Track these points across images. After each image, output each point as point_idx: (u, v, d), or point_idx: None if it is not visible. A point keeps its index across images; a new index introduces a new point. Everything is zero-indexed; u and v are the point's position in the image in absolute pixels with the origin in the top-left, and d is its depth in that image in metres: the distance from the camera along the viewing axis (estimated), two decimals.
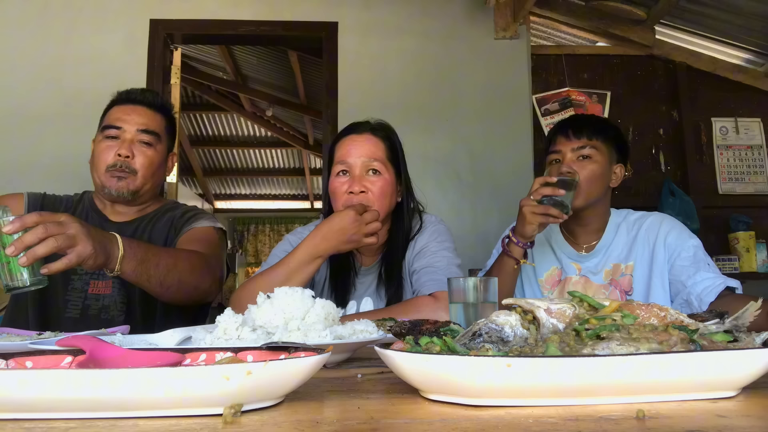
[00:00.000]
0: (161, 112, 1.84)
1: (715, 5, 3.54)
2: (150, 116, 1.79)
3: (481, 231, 3.59)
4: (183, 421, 0.53)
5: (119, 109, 1.79)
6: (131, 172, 1.74)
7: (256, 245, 10.61)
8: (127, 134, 1.75)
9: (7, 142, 3.47)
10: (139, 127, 1.76)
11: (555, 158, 1.79)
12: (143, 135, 1.76)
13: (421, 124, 3.61)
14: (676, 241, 1.73)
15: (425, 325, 0.84)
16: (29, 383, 0.51)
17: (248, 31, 3.72)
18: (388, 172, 1.62)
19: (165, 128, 1.84)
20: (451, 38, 3.77)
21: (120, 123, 1.75)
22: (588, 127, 1.78)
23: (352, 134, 1.65)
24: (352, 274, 1.69)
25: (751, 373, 0.59)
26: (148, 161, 1.76)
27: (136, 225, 1.81)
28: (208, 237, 1.77)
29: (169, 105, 1.91)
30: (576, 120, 1.84)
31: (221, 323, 0.93)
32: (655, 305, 0.73)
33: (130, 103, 1.80)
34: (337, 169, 1.62)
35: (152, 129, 1.78)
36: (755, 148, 4.03)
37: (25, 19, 3.61)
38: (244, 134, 8.41)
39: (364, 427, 0.52)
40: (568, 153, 1.76)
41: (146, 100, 1.82)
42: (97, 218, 1.81)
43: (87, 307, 1.71)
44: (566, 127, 1.80)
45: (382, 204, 1.59)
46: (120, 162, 1.72)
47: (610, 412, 0.55)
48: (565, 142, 1.77)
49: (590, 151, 1.75)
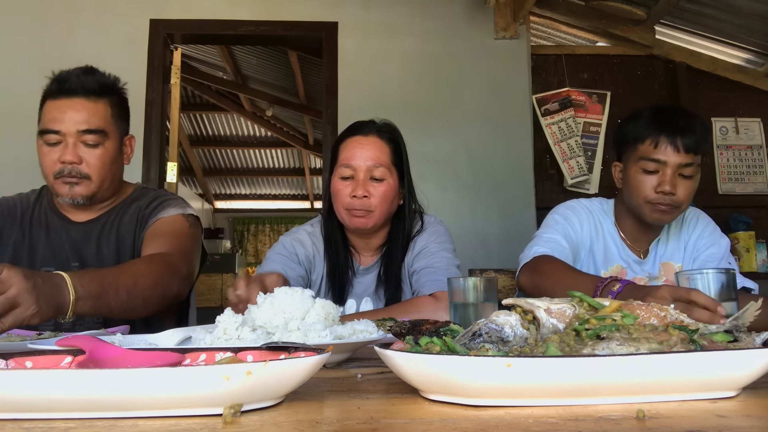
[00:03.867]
0: (104, 96, 1.58)
1: (715, 5, 3.54)
2: (91, 109, 1.54)
3: (481, 231, 3.59)
4: (183, 421, 0.53)
5: (53, 105, 1.53)
6: (83, 177, 1.54)
7: (256, 245, 10.61)
8: (68, 137, 1.52)
9: (7, 142, 3.47)
10: (80, 128, 1.52)
11: (654, 168, 1.60)
12: (86, 136, 1.53)
13: (421, 124, 3.61)
14: (709, 237, 1.73)
15: (425, 325, 0.84)
16: (29, 383, 0.51)
17: (248, 31, 3.72)
18: (391, 177, 1.61)
19: (112, 116, 1.58)
20: (451, 38, 3.77)
21: (57, 125, 1.51)
22: (695, 135, 1.58)
23: (358, 135, 1.63)
24: (349, 273, 1.68)
25: (751, 373, 0.59)
26: (99, 162, 1.55)
27: (102, 222, 1.64)
28: (175, 229, 1.59)
29: (113, 81, 1.64)
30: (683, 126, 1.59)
31: (221, 323, 0.93)
32: (655, 305, 0.73)
33: (65, 96, 1.53)
34: (341, 171, 1.60)
35: (95, 127, 1.53)
36: (755, 148, 4.03)
37: (25, 19, 3.61)
38: (244, 134, 8.41)
39: (364, 427, 0.52)
40: (671, 168, 1.58)
41: (83, 87, 1.54)
42: (59, 221, 1.64)
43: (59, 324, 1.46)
44: (674, 131, 1.58)
45: (383, 208, 1.60)
46: (67, 168, 1.52)
47: (610, 412, 0.55)
48: (671, 153, 1.58)
49: (694, 169, 1.60)
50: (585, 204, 1.80)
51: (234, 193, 10.20)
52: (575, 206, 1.79)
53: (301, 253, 1.67)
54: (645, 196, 1.61)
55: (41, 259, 1.61)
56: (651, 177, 1.60)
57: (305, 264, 1.68)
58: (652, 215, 1.63)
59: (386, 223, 1.66)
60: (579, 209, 1.77)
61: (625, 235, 1.76)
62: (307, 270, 1.68)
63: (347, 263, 1.68)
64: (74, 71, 1.57)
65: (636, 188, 1.63)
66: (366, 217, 1.59)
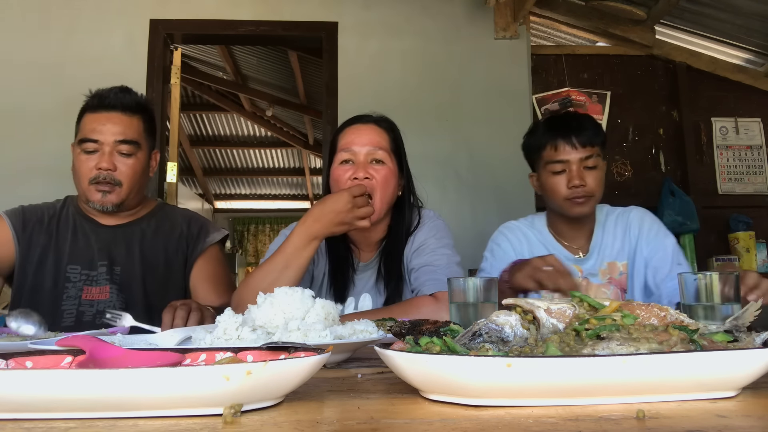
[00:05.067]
0: (138, 113, 1.75)
1: (715, 5, 3.54)
2: (127, 123, 1.71)
3: (481, 231, 3.58)
4: (183, 421, 0.53)
5: (93, 117, 1.70)
6: (116, 184, 1.69)
7: (256, 245, 10.61)
8: (105, 146, 1.68)
9: (7, 142, 3.47)
10: (117, 138, 1.68)
11: (560, 168, 1.75)
12: (122, 146, 1.69)
13: (421, 124, 3.60)
14: (654, 241, 1.78)
15: (425, 325, 0.84)
16: (29, 383, 0.51)
17: (248, 31, 3.72)
18: (391, 162, 1.62)
19: (144, 130, 1.76)
20: (451, 38, 3.77)
21: (96, 135, 1.68)
22: (587, 131, 1.75)
23: (357, 123, 1.66)
24: (350, 270, 1.68)
25: (751, 373, 0.59)
26: (131, 171, 1.71)
27: (132, 228, 1.79)
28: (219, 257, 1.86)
29: (146, 101, 1.82)
30: (575, 126, 1.77)
31: (221, 323, 0.93)
32: (655, 305, 0.73)
33: (104, 110, 1.70)
34: (341, 156, 1.61)
35: (131, 138, 1.71)
36: (755, 148, 4.03)
37: (25, 19, 3.61)
38: (244, 134, 8.41)
39: (364, 427, 0.52)
40: (575, 164, 1.73)
41: (121, 103, 1.72)
42: (87, 224, 1.77)
43: (81, 314, 1.67)
44: (567, 132, 1.75)
45: (385, 192, 1.59)
46: (103, 175, 1.68)
47: (610, 412, 0.55)
48: (570, 151, 1.74)
49: (596, 160, 1.74)
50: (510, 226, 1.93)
51: (234, 193, 10.20)
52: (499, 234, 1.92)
53: None
54: (561, 194, 1.76)
55: (68, 258, 1.73)
56: (560, 177, 1.75)
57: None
58: (572, 210, 1.77)
59: (385, 216, 1.66)
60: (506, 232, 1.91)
61: (560, 236, 1.87)
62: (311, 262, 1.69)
63: (348, 261, 1.68)
64: (112, 89, 1.76)
65: (552, 190, 1.78)
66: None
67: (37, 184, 3.19)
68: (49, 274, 1.71)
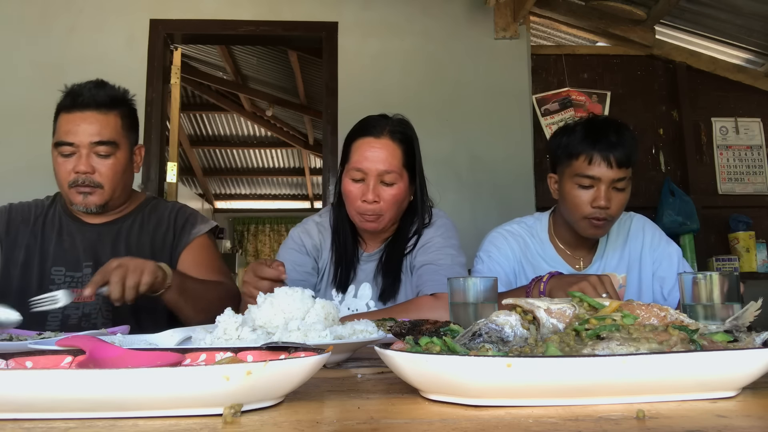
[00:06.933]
0: (115, 108, 1.66)
1: (715, 5, 3.54)
2: (102, 122, 1.62)
3: (481, 231, 3.57)
4: (183, 421, 0.53)
5: (68, 118, 1.62)
6: (96, 185, 1.63)
7: (256, 245, 10.60)
8: (82, 149, 1.60)
9: (8, 142, 3.47)
10: (93, 139, 1.60)
11: (588, 183, 1.63)
12: (99, 147, 1.61)
13: (421, 124, 3.55)
14: (658, 250, 1.75)
15: (425, 325, 0.85)
16: (29, 383, 0.51)
17: (248, 31, 3.72)
18: (402, 180, 1.60)
19: (122, 127, 1.67)
20: (451, 38, 3.76)
21: (71, 137, 1.60)
22: (626, 150, 1.61)
23: (370, 137, 1.61)
24: (354, 260, 1.69)
25: (751, 373, 0.59)
26: (111, 172, 1.64)
27: (118, 226, 1.73)
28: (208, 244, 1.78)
29: (123, 94, 1.72)
30: (615, 142, 1.61)
31: (221, 323, 0.93)
32: (655, 305, 0.73)
33: (78, 110, 1.61)
34: (352, 174, 1.60)
35: (107, 138, 1.62)
36: (755, 148, 4.03)
37: (25, 19, 3.61)
38: (244, 134, 8.41)
39: (364, 427, 0.52)
40: (605, 184, 1.61)
41: (95, 101, 1.63)
42: (72, 223, 1.72)
43: (67, 317, 1.62)
44: (607, 148, 1.60)
45: (393, 211, 1.61)
46: (81, 178, 1.61)
47: (610, 412, 0.55)
48: (605, 170, 1.60)
49: (626, 183, 1.63)
50: (509, 229, 1.85)
51: (234, 193, 10.20)
52: (499, 236, 1.83)
53: (309, 244, 1.71)
54: (581, 211, 1.65)
55: (52, 260, 1.68)
56: (586, 192, 1.63)
57: (313, 253, 1.71)
58: (587, 231, 1.68)
59: (396, 220, 1.68)
60: (507, 236, 1.82)
61: (563, 245, 1.79)
62: (315, 258, 1.71)
63: (354, 252, 1.70)
64: (86, 85, 1.66)
65: (572, 203, 1.66)
66: (376, 222, 1.60)
67: (37, 184, 3.17)
68: (34, 276, 1.66)
